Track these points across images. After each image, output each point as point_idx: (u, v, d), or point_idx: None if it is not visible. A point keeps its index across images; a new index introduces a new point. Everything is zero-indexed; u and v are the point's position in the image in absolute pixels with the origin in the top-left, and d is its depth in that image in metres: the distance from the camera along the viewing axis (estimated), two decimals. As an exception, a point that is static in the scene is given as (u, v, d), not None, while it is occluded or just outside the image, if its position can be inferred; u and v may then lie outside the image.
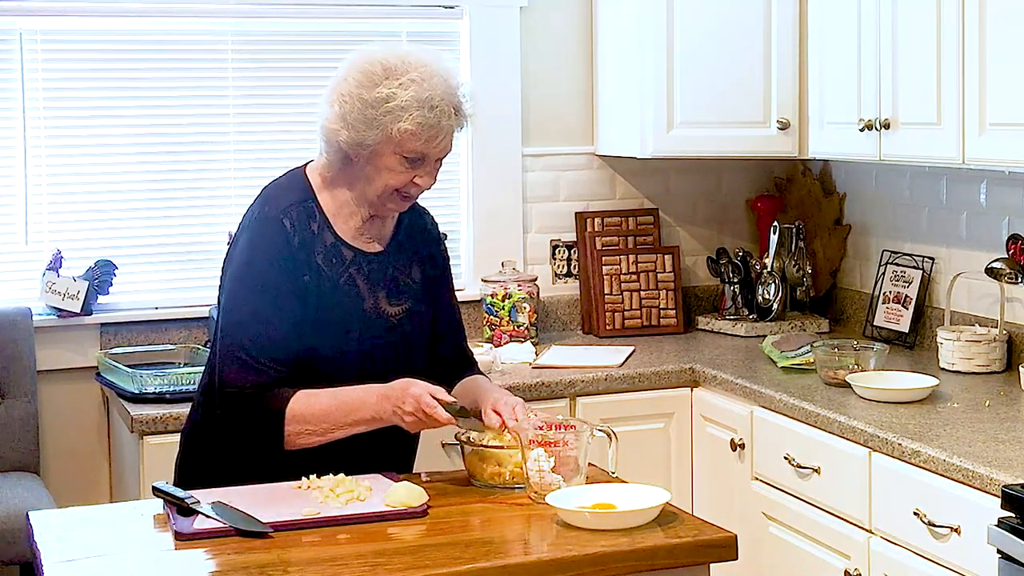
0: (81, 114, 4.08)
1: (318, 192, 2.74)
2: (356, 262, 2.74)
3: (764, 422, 3.59)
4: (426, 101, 2.62)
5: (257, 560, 2.23)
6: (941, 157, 3.48)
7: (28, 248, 4.06)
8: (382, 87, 2.63)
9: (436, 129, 2.64)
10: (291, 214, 2.69)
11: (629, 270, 4.50)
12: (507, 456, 2.60)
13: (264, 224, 2.69)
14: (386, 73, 2.65)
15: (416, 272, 2.83)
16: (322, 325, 2.68)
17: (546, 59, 4.50)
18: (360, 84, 2.65)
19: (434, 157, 2.70)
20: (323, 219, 2.72)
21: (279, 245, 2.66)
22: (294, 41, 4.26)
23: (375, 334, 2.74)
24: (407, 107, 2.62)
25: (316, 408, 2.62)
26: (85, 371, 4.06)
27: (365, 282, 2.74)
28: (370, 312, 2.74)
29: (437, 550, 2.30)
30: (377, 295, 2.75)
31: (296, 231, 2.68)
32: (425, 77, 2.64)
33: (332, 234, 2.72)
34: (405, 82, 2.63)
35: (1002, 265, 3.60)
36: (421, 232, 2.88)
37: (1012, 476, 2.70)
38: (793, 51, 4.12)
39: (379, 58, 2.67)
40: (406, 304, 2.79)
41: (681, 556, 2.32)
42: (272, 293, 2.65)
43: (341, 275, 2.71)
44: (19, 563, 3.64)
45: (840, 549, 3.27)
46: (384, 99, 2.62)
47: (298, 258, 2.67)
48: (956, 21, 3.34)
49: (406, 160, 2.67)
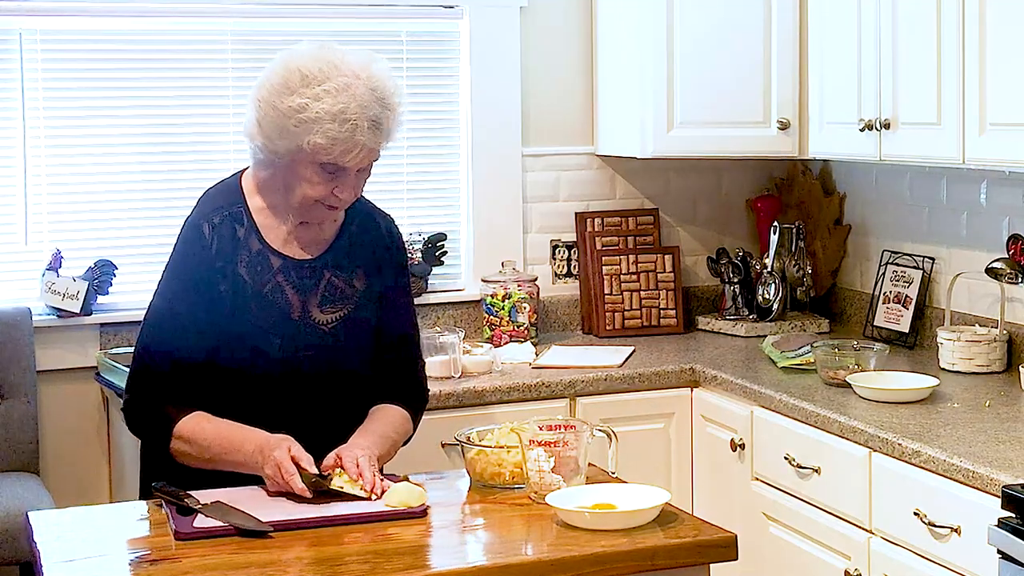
0: (81, 114, 4.08)
1: (249, 197, 2.70)
2: (284, 269, 2.68)
3: (764, 422, 3.59)
4: (339, 114, 2.53)
5: (257, 560, 2.23)
6: (941, 157, 3.48)
7: (28, 248, 4.06)
8: (296, 96, 2.55)
9: (349, 143, 2.55)
10: (213, 220, 2.66)
11: (629, 270, 4.50)
12: (507, 456, 2.60)
13: (188, 229, 2.70)
14: (303, 81, 2.56)
15: (359, 279, 2.76)
16: (243, 332, 2.64)
17: (546, 59, 4.50)
18: (277, 91, 2.58)
19: (353, 169, 2.60)
20: (251, 225, 2.68)
21: (196, 252, 2.66)
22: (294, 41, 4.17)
23: (304, 342, 2.68)
24: (318, 120, 2.53)
25: (200, 436, 2.61)
26: (85, 371, 4.06)
27: (294, 289, 2.69)
28: (298, 320, 2.68)
29: (437, 550, 2.30)
30: (308, 303, 2.70)
31: (215, 238, 2.65)
32: (343, 88, 2.54)
33: (259, 240, 2.68)
34: (320, 92, 2.54)
35: (1002, 265, 3.60)
36: (372, 238, 2.79)
37: (1012, 476, 2.70)
38: (793, 51, 4.12)
39: (300, 64, 2.58)
40: (342, 311, 2.72)
41: (681, 556, 2.32)
42: (177, 296, 2.65)
43: (266, 283, 2.67)
44: (19, 563, 3.63)
45: (840, 549, 3.27)
46: (297, 109, 2.54)
47: (214, 267, 2.64)
48: (956, 21, 3.34)
49: (323, 171, 2.59)
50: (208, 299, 2.64)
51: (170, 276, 2.70)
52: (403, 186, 4.34)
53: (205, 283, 2.64)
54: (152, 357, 2.67)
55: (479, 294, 4.37)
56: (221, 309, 2.64)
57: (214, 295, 2.64)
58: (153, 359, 2.66)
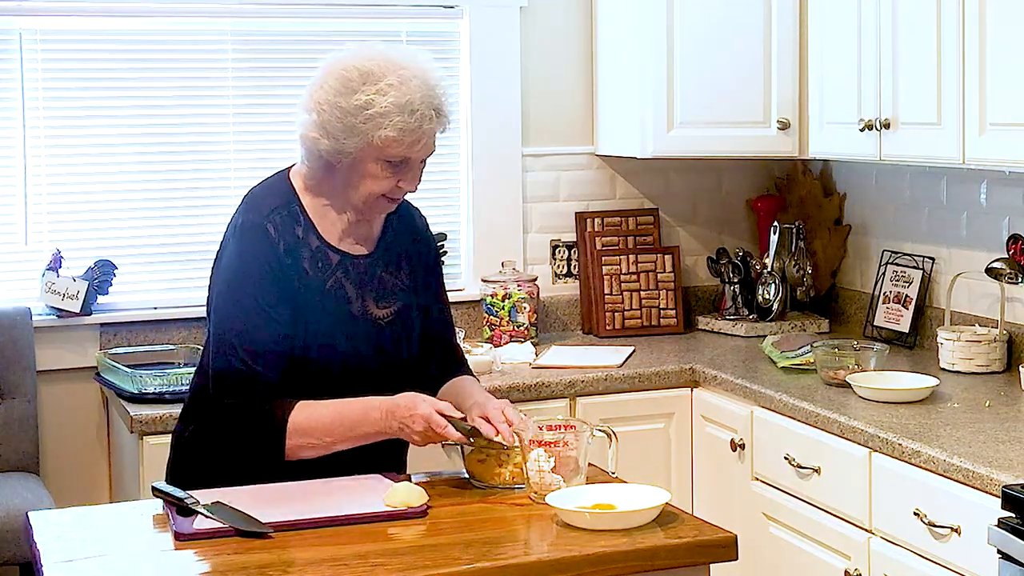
0: (81, 114, 4.08)
1: (302, 195, 2.72)
2: (343, 265, 2.71)
3: (764, 422, 3.59)
4: (406, 106, 2.58)
5: (257, 560, 2.23)
6: (941, 157, 3.48)
7: (28, 248, 4.06)
8: (360, 94, 2.59)
9: (418, 133, 2.61)
10: (275, 219, 2.66)
11: (629, 270, 4.50)
12: (507, 456, 2.60)
13: (251, 231, 2.67)
14: (363, 79, 2.60)
15: (404, 272, 2.80)
16: (311, 330, 2.66)
17: (546, 59, 4.50)
18: (337, 91, 2.61)
19: (417, 160, 2.67)
20: (308, 222, 2.69)
21: (267, 253, 2.64)
22: (294, 41, 4.25)
23: (364, 337, 2.71)
24: (387, 113, 2.58)
25: (318, 422, 2.61)
26: (85, 371, 4.06)
27: (352, 285, 2.72)
28: (357, 315, 2.71)
29: (437, 550, 2.30)
30: (365, 298, 2.73)
31: (281, 236, 2.65)
32: (404, 80, 2.60)
33: (317, 237, 2.69)
34: (383, 87, 2.58)
35: (1002, 265, 3.60)
36: (409, 231, 2.85)
37: (1012, 476, 2.70)
38: (793, 51, 4.12)
39: (355, 63, 2.62)
40: (394, 306, 2.76)
41: (681, 556, 2.32)
42: (264, 302, 2.62)
43: (328, 279, 2.69)
44: (19, 563, 3.63)
45: (840, 549, 3.27)
46: (363, 106, 2.58)
47: (285, 264, 2.65)
48: (956, 21, 3.34)
49: (389, 165, 2.63)
50: (288, 298, 2.64)
51: (240, 279, 2.65)
52: (403, 186, 4.34)
53: (281, 281, 2.64)
54: (256, 371, 2.61)
55: (479, 294, 4.37)
56: (299, 306, 2.65)
57: (291, 293, 2.64)
58: (256, 372, 2.61)
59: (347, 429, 2.61)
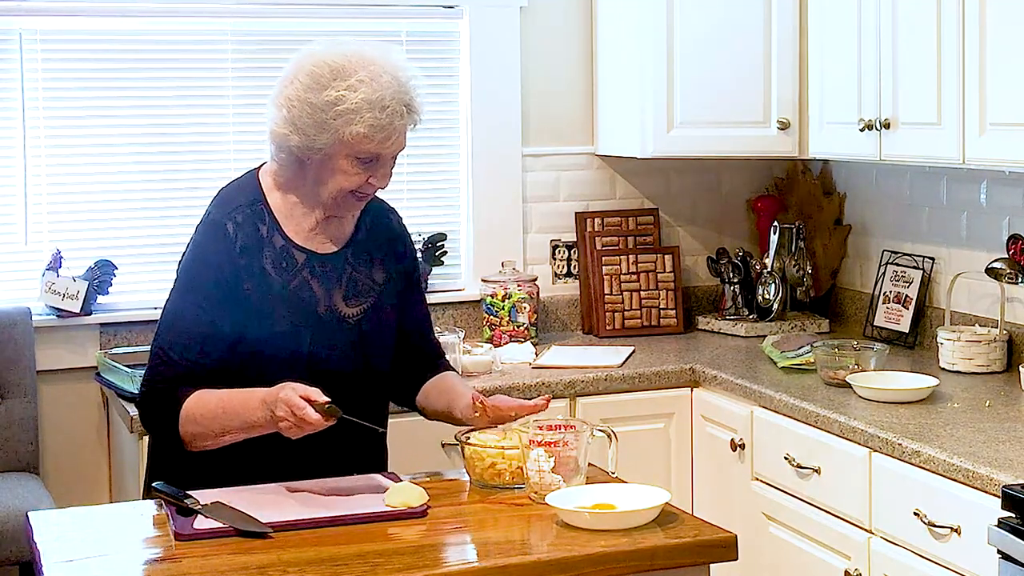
0: (81, 114, 4.08)
1: (268, 194, 2.71)
2: (309, 264, 2.70)
3: (764, 422, 3.59)
4: (377, 102, 2.58)
5: (257, 560, 2.23)
6: (941, 157, 3.48)
7: (28, 248, 4.06)
8: (331, 89, 2.58)
9: (389, 130, 2.60)
10: (236, 218, 2.66)
11: (629, 270, 4.50)
12: (507, 456, 2.60)
13: (209, 227, 2.68)
14: (334, 74, 2.59)
15: (378, 271, 2.79)
16: (272, 330, 2.64)
17: (546, 59, 4.50)
18: (308, 87, 2.60)
19: (388, 156, 2.66)
20: (272, 221, 2.69)
21: (219, 250, 2.65)
22: (294, 41, 4.20)
23: (331, 336, 2.70)
24: (358, 109, 2.57)
25: (205, 408, 2.59)
26: (85, 371, 4.06)
27: (319, 284, 2.71)
28: (325, 314, 2.70)
29: (437, 550, 2.30)
30: (333, 296, 2.72)
31: (240, 236, 2.65)
32: (374, 76, 2.59)
33: (282, 236, 2.69)
34: (354, 83, 2.58)
35: (1002, 265, 3.60)
36: (384, 230, 2.84)
37: (1012, 476, 2.70)
38: (793, 51, 4.12)
39: (326, 59, 2.62)
40: (365, 304, 2.75)
41: (681, 556, 2.32)
42: (199, 295, 2.64)
43: (292, 278, 2.68)
44: (19, 563, 3.63)
45: (840, 549, 3.27)
46: (334, 102, 2.57)
47: (238, 264, 2.64)
48: (956, 21, 3.34)
49: (360, 162, 2.63)
50: (233, 297, 2.63)
51: (190, 275, 2.68)
52: (403, 186, 4.33)
53: (229, 281, 2.64)
54: (170, 357, 2.63)
55: (479, 294, 4.37)
56: (247, 307, 2.64)
57: (239, 294, 2.64)
58: (171, 359, 2.63)
59: (230, 418, 2.57)
